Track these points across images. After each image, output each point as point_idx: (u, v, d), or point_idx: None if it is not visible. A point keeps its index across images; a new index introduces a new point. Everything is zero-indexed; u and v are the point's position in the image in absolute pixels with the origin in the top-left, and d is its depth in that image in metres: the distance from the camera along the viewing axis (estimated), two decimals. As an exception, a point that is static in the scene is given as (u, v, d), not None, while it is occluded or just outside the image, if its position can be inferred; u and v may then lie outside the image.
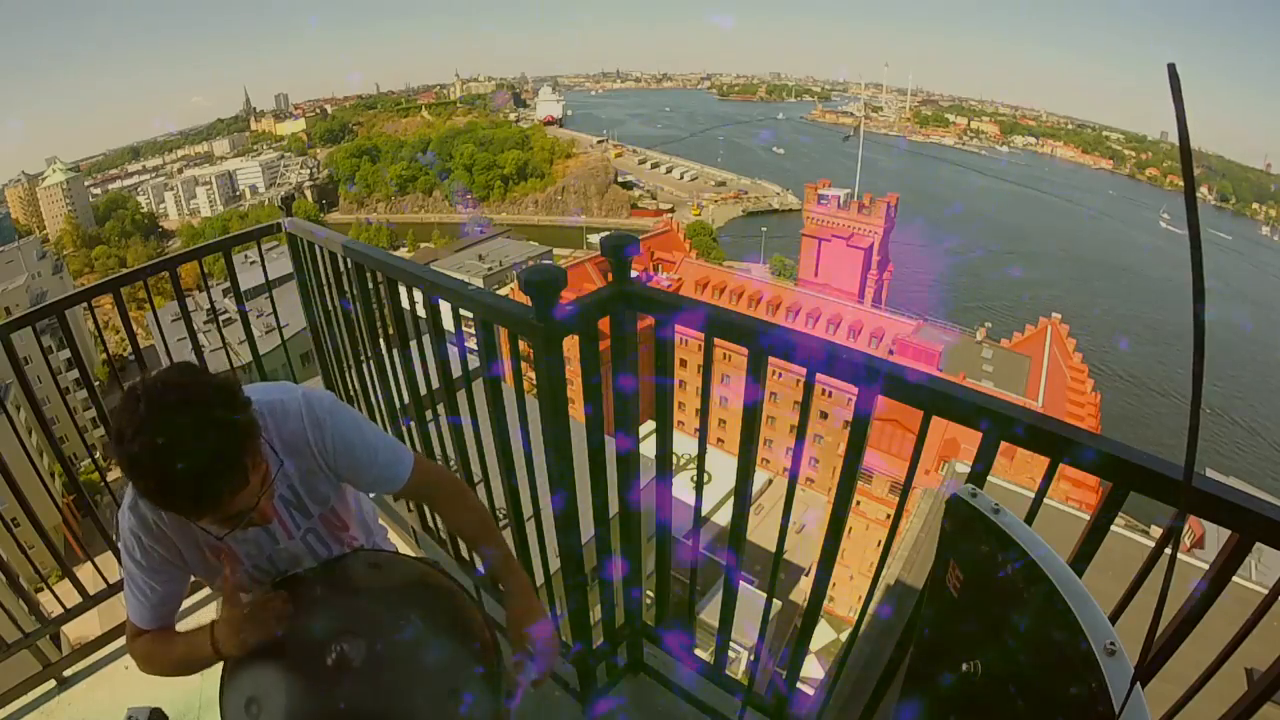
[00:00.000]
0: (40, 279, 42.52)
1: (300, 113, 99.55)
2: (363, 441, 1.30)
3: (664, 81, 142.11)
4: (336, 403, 1.29)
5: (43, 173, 73.79)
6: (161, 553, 1.22)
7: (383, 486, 1.37)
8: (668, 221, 55.88)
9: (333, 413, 1.26)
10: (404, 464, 1.35)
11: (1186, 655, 1.15)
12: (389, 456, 1.34)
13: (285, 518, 1.30)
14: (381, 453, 1.33)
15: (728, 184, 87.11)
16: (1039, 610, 0.85)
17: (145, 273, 2.69)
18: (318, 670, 1.12)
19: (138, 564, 1.22)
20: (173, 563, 1.24)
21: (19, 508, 2.53)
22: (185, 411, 0.95)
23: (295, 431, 1.23)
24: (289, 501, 1.29)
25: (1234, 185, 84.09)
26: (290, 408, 1.24)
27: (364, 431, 1.31)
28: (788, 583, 24.48)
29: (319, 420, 1.25)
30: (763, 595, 1.92)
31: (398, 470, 1.34)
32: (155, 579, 1.24)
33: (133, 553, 1.22)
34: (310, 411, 1.24)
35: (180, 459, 0.93)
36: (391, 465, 1.34)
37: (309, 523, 1.33)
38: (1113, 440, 1.11)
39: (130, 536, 1.21)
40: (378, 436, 1.34)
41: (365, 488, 1.39)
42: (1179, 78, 0.47)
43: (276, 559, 1.34)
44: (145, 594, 1.25)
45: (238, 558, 1.29)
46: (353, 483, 1.36)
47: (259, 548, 1.31)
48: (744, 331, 1.48)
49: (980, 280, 63.62)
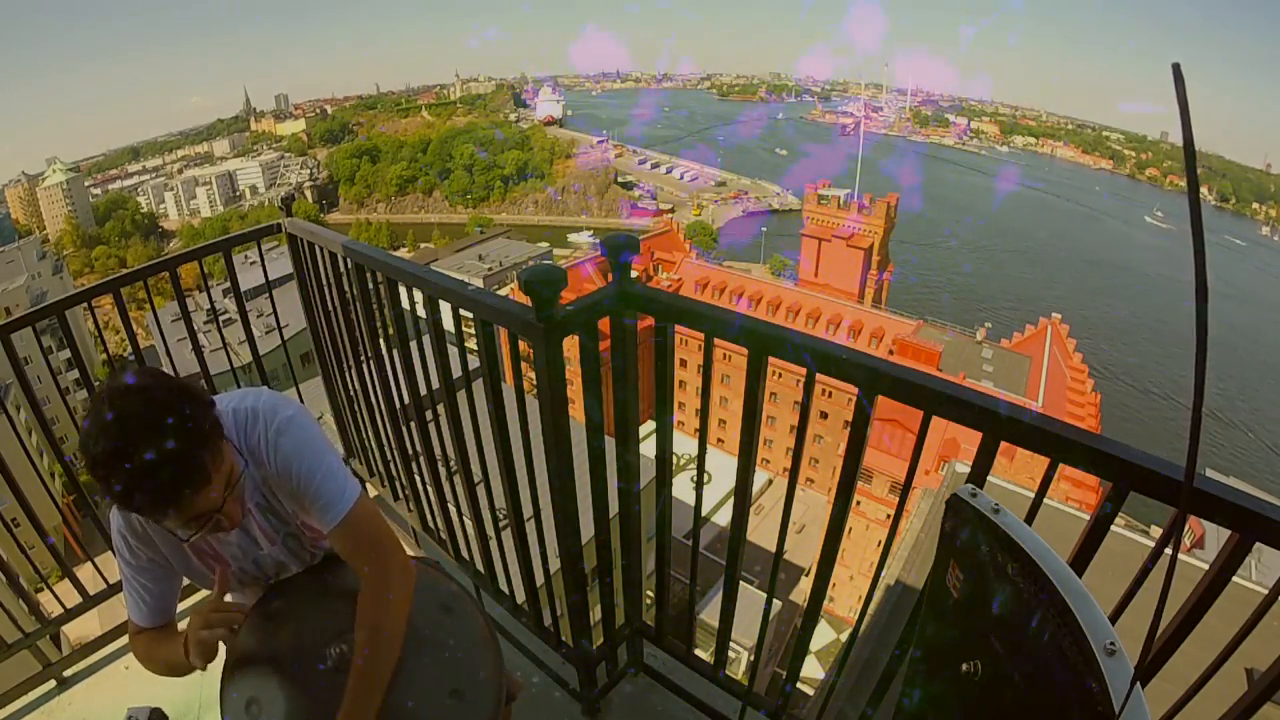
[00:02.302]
0: (40, 279, 42.51)
1: (300, 113, 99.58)
2: (303, 468, 1.22)
3: (664, 81, 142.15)
4: (294, 420, 1.23)
5: (43, 173, 73.83)
6: (148, 554, 1.24)
7: (317, 520, 1.26)
8: (668, 221, 55.85)
9: (285, 430, 1.22)
10: (336, 507, 1.23)
11: (1186, 655, 1.15)
12: (329, 490, 1.23)
13: (262, 523, 1.30)
14: (322, 483, 1.23)
15: (728, 184, 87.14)
16: (1039, 610, 0.85)
17: (145, 273, 2.68)
18: (318, 671, 1.12)
19: (128, 564, 1.24)
20: (160, 564, 1.25)
21: (19, 508, 2.53)
22: (146, 415, 0.97)
23: (255, 442, 1.22)
24: (264, 507, 1.29)
25: (1234, 185, 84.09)
26: (240, 416, 1.22)
27: (306, 456, 1.22)
28: (788, 583, 24.47)
29: (275, 432, 1.21)
30: (763, 595, 1.92)
31: (329, 511, 1.23)
32: (145, 578, 1.25)
33: (123, 553, 1.24)
34: (269, 423, 1.22)
35: (139, 460, 0.95)
36: (327, 503, 1.23)
37: (286, 528, 1.33)
38: (1113, 440, 1.11)
39: (118, 537, 1.23)
40: (325, 466, 1.24)
41: (305, 513, 1.29)
42: (1183, 78, 0.47)
43: (261, 564, 1.34)
44: (138, 593, 1.26)
45: (224, 560, 1.29)
46: (295, 504, 1.28)
47: (242, 551, 1.31)
48: (744, 331, 1.48)
49: (980, 280, 63.60)
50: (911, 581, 7.32)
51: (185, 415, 1.00)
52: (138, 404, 0.98)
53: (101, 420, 0.96)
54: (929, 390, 1.25)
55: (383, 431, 2.66)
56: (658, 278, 39.40)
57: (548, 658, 2.34)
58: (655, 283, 35.39)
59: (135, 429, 0.96)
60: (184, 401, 1.01)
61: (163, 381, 1.03)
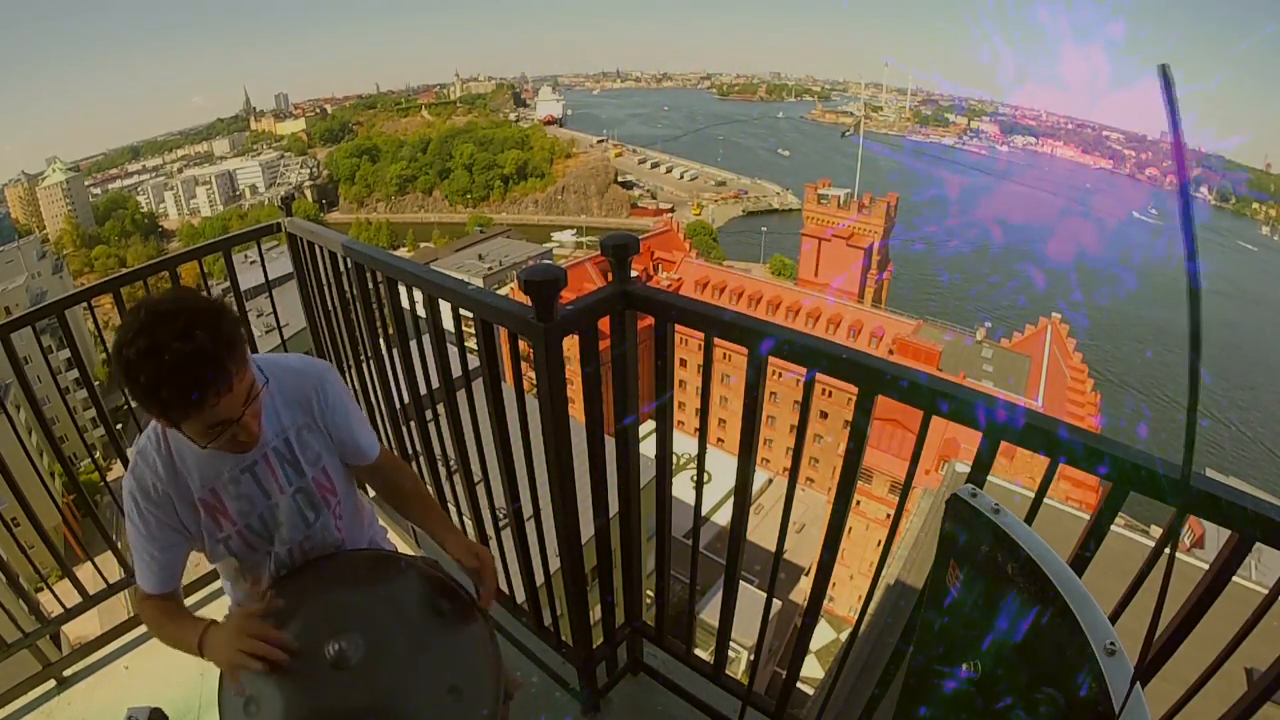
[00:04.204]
0: (40, 279, 42.52)
1: (300, 113, 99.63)
2: (354, 407, 1.46)
3: (664, 81, 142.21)
4: (332, 371, 1.45)
5: (43, 172, 73.85)
6: (159, 516, 1.27)
7: (359, 456, 1.48)
8: (668, 221, 55.85)
9: (332, 377, 1.42)
10: (375, 443, 1.51)
11: (1186, 655, 1.15)
12: (367, 430, 1.50)
13: (278, 471, 1.35)
14: (363, 424, 1.49)
15: (728, 184, 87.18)
16: (1039, 610, 0.85)
17: (145, 273, 2.68)
18: (316, 669, 1.12)
19: (137, 528, 1.27)
20: (171, 527, 1.29)
21: (19, 508, 2.53)
22: (177, 317, 1.06)
23: (298, 386, 1.36)
24: (283, 456, 1.36)
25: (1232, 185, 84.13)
26: (294, 364, 1.39)
27: (353, 401, 1.48)
28: (788, 583, 24.48)
29: (322, 378, 1.39)
30: (763, 595, 1.92)
31: (372, 443, 1.50)
32: (154, 545, 1.29)
33: (133, 516, 1.27)
34: (314, 369, 1.40)
35: (168, 355, 1.03)
36: (369, 437, 1.49)
37: (300, 481, 1.38)
38: (1113, 440, 1.10)
39: (129, 500, 1.26)
40: (359, 412, 1.50)
41: (345, 453, 1.47)
42: (1171, 79, 0.47)
43: (268, 518, 1.36)
44: (145, 559, 1.30)
45: (230, 516, 1.32)
46: (338, 446, 1.45)
47: (251, 504, 1.34)
48: (744, 331, 1.48)
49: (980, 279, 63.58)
50: (911, 581, 7.33)
51: (214, 322, 1.08)
52: (170, 307, 1.07)
53: (135, 324, 1.05)
54: (929, 390, 1.25)
55: (382, 431, 2.66)
56: (658, 278, 39.41)
57: (547, 657, 2.34)
58: (655, 283, 35.38)
59: (166, 330, 1.04)
60: (215, 311, 1.10)
61: (195, 294, 1.14)
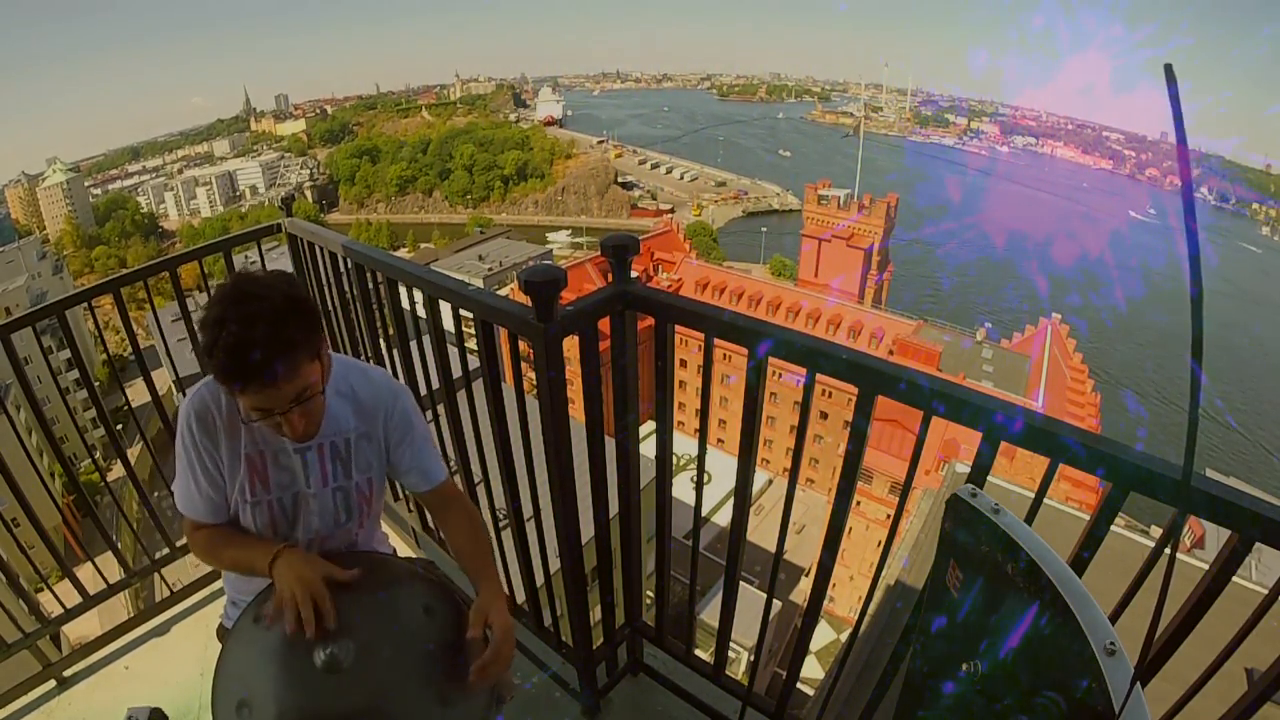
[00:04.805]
0: (40, 279, 42.51)
1: (300, 113, 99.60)
2: (422, 431, 1.45)
3: (664, 81, 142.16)
4: (410, 395, 1.47)
5: (43, 173, 73.82)
6: (209, 450, 1.29)
7: (419, 478, 1.46)
8: (668, 221, 55.85)
9: (406, 399, 1.44)
10: (442, 469, 1.48)
11: (1186, 655, 1.15)
12: (434, 454, 1.47)
13: (326, 463, 1.36)
14: (429, 449, 1.47)
15: (728, 184, 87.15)
16: (1039, 610, 0.85)
17: (145, 273, 2.69)
18: (308, 673, 1.12)
19: (189, 457, 1.30)
20: (214, 468, 1.31)
21: (19, 508, 2.53)
22: (253, 301, 1.12)
23: (374, 394, 1.38)
24: (337, 453, 1.37)
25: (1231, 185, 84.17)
26: (376, 377, 1.42)
27: (423, 425, 1.47)
28: (788, 583, 24.48)
29: (395, 395, 1.41)
30: (763, 595, 1.92)
31: (437, 469, 1.47)
32: (204, 478, 1.31)
33: (186, 443, 1.29)
34: (391, 386, 1.42)
35: (226, 333, 1.09)
36: (435, 461, 1.47)
37: (345, 482, 1.39)
38: (1113, 440, 1.11)
39: (184, 425, 1.29)
40: (428, 434, 1.49)
41: (404, 473, 1.46)
42: (1175, 78, 0.47)
43: (300, 502, 1.36)
44: (192, 488, 1.31)
45: (269, 484, 1.33)
46: (396, 463, 1.44)
47: (291, 479, 1.35)
48: (744, 332, 1.48)
49: (980, 279, 63.58)
50: (911, 581, 7.32)
51: (281, 319, 1.13)
52: (255, 289, 1.13)
53: (226, 287, 1.14)
54: (929, 390, 1.25)
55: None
56: (657, 278, 39.40)
57: (548, 658, 2.34)
58: (655, 283, 35.39)
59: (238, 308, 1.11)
60: (289, 310, 1.15)
61: (290, 284, 1.18)
